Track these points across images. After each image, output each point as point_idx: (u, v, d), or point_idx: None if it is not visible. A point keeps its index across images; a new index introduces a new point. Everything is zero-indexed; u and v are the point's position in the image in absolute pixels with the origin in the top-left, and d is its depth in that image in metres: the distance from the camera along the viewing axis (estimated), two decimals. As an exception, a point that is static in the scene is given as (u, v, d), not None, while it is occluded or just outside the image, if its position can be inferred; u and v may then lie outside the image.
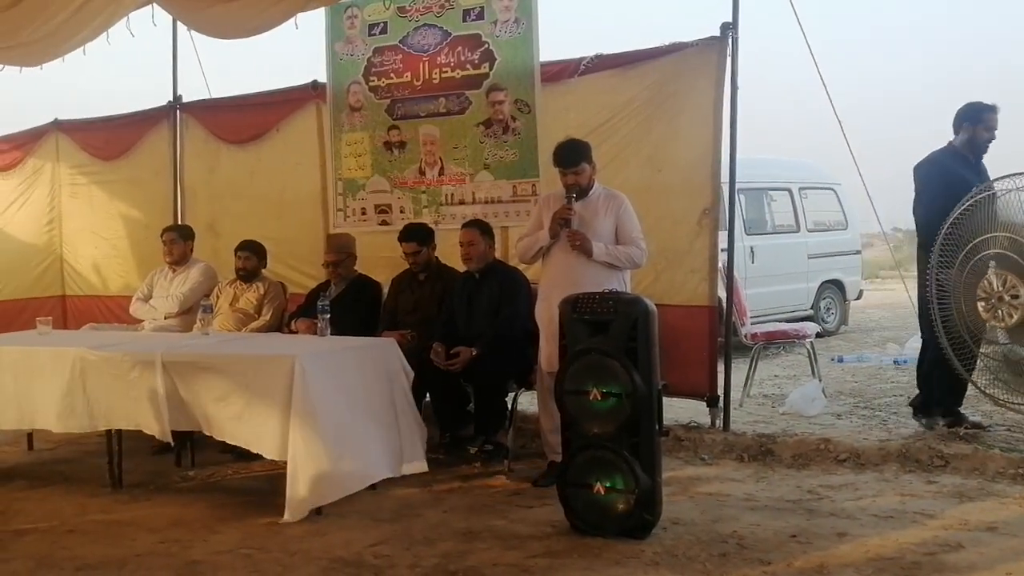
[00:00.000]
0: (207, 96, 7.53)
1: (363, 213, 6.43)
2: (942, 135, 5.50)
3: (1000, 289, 5.12)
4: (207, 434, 4.51)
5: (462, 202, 6.04)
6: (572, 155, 4.62)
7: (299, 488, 4.14)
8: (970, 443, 4.86)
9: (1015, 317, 5.17)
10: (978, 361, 5.16)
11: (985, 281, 5.16)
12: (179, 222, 7.20)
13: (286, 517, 4.13)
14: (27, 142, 8.13)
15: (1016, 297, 5.11)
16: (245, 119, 7.04)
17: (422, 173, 6.18)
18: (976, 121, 5.26)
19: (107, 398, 4.64)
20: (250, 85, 7.40)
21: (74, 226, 8.07)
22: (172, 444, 4.77)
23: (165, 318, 6.20)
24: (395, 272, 5.79)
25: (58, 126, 8.03)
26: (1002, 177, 5.22)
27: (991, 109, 5.29)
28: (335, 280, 5.82)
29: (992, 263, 5.18)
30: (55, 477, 5.15)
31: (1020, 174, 5.19)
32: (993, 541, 3.66)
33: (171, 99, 7.45)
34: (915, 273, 5.69)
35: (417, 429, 4.79)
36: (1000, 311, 5.18)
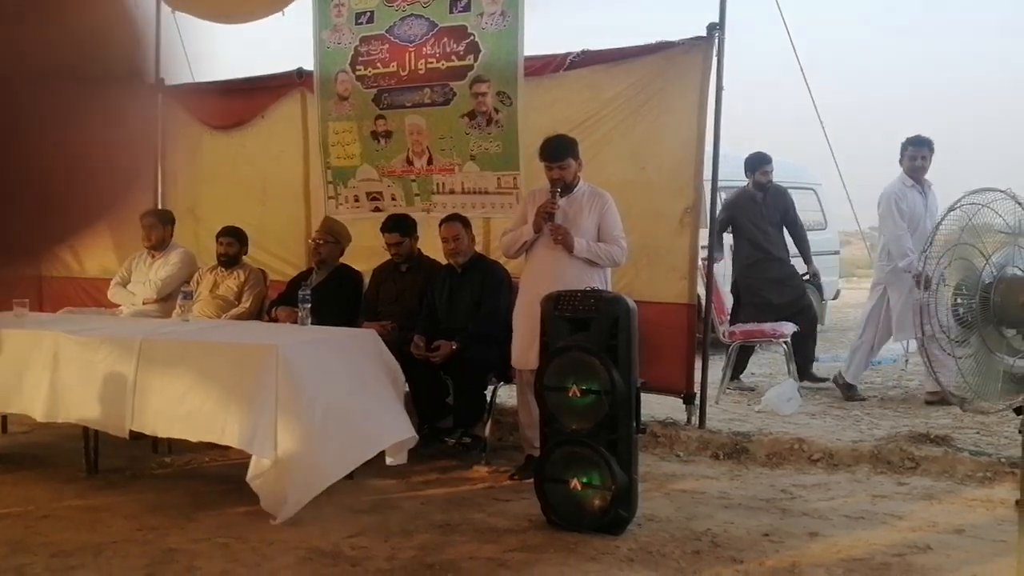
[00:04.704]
0: (189, 80, 7.46)
1: (356, 200, 6.41)
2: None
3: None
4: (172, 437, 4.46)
5: (452, 191, 6.02)
6: (558, 150, 4.64)
7: (287, 484, 3.98)
8: (940, 446, 4.95)
9: None
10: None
11: None
12: (159, 206, 7.14)
13: (278, 519, 3.96)
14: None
15: None
16: (229, 104, 6.98)
17: (410, 162, 6.16)
18: None
19: (74, 386, 4.55)
20: (234, 70, 7.32)
21: (51, 206, 7.96)
22: (128, 438, 4.53)
23: (144, 304, 6.16)
24: (379, 261, 5.78)
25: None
26: (973, 192, 5.36)
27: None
28: (316, 262, 5.81)
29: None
30: (30, 461, 5.13)
31: (984, 190, 5.37)
32: (960, 543, 3.74)
33: (153, 81, 7.36)
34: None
35: (403, 416, 4.73)
36: None
